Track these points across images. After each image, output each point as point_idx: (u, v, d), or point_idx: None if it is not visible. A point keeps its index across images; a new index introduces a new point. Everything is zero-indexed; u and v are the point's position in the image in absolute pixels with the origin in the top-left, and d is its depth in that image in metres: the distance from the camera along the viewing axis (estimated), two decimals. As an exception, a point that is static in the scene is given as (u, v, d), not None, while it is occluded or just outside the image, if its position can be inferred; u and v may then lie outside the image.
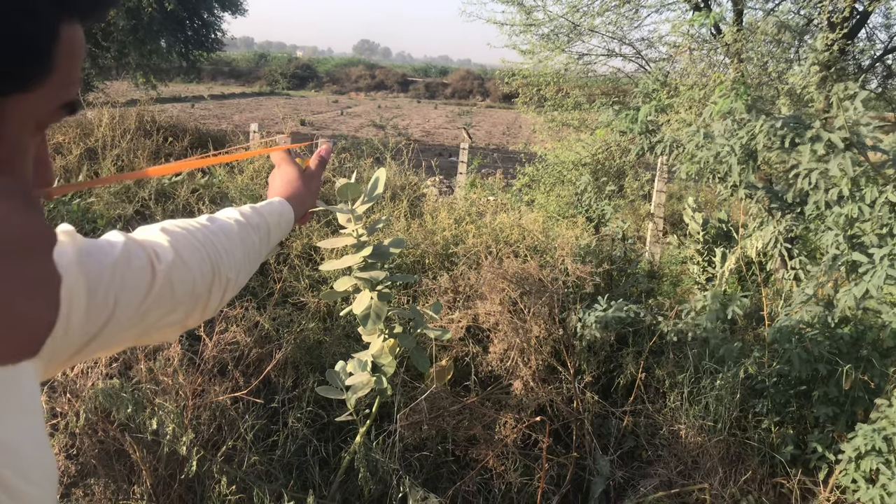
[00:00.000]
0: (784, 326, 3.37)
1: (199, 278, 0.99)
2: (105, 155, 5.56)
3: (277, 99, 41.60)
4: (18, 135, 0.57)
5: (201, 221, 1.08)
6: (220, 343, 3.12)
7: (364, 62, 67.98)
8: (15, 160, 0.58)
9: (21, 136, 0.58)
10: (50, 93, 0.58)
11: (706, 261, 5.34)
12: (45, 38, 0.54)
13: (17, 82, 0.54)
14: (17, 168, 0.59)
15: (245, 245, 1.11)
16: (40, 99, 0.57)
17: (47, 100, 0.58)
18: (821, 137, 3.14)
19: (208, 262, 1.01)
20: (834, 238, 3.27)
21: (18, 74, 0.54)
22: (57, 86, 0.58)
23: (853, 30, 6.60)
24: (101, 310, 0.82)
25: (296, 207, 1.29)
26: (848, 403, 3.18)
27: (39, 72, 0.55)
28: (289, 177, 1.34)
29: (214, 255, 1.03)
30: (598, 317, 3.53)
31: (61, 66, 0.57)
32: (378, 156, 7.75)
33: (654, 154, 4.38)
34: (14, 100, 0.55)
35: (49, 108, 0.59)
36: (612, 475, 3.27)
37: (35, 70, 0.55)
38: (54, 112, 0.60)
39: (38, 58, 0.54)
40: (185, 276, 0.97)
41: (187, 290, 0.97)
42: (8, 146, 0.57)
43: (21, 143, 0.58)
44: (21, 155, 0.59)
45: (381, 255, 2.57)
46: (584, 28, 8.37)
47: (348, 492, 3.06)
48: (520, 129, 29.29)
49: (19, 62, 0.53)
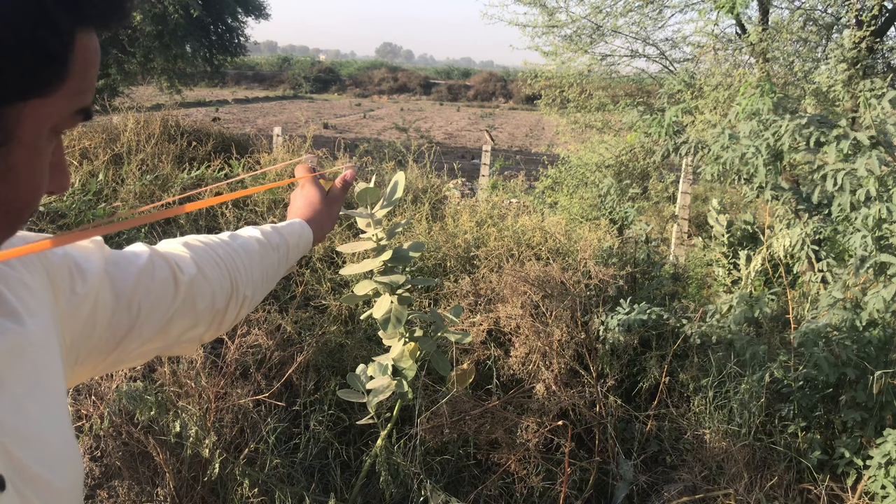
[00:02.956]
0: (811, 330, 3.32)
1: (218, 293, 1.01)
2: (130, 159, 5.63)
3: (301, 102, 41.88)
4: (34, 140, 0.58)
5: (223, 238, 1.09)
6: (243, 346, 3.13)
7: (386, 65, 68.20)
8: (31, 165, 0.59)
9: (37, 141, 0.59)
10: (65, 98, 0.59)
11: (731, 263, 5.28)
12: (60, 45, 0.55)
13: (33, 88, 0.55)
14: (31, 172, 0.60)
15: (264, 264, 1.13)
16: (55, 104, 0.58)
17: (62, 105, 0.59)
18: (847, 136, 3.09)
19: (228, 279, 1.03)
20: (861, 239, 3.22)
21: (34, 80, 0.55)
22: (72, 92, 0.59)
23: (882, 28, 6.49)
24: (125, 317, 0.85)
25: (315, 230, 1.30)
26: (876, 408, 3.12)
27: (55, 78, 0.56)
28: (311, 199, 1.33)
29: (234, 272, 1.04)
30: (621, 320, 3.50)
31: (76, 72, 0.58)
32: (400, 159, 7.77)
33: (679, 156, 4.34)
34: (30, 105, 0.56)
35: (64, 113, 0.60)
36: (636, 480, 3.24)
37: (50, 76, 0.56)
38: (69, 118, 0.61)
39: (53, 64, 0.55)
40: (206, 290, 0.98)
41: (207, 304, 0.99)
42: (24, 151, 0.58)
43: (36, 147, 0.59)
44: (36, 159, 0.60)
45: (401, 258, 2.56)
46: (606, 29, 8.32)
47: (370, 495, 3.06)
48: (543, 131, 29.20)
49: (35, 68, 0.54)
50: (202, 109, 25.94)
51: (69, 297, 0.77)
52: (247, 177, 1.67)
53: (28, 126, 0.57)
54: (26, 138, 0.57)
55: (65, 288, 0.76)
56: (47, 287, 0.74)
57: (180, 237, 1.04)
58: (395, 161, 7.49)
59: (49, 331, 0.71)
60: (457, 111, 43.53)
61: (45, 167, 0.62)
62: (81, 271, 0.79)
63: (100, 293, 0.81)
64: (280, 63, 63.49)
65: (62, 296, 0.76)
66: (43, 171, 0.62)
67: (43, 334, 0.69)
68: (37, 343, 0.67)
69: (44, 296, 0.72)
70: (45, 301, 0.72)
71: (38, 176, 0.61)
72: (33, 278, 0.72)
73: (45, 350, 0.69)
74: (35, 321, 0.68)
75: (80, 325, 0.78)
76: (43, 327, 0.69)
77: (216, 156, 6.04)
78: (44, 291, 0.73)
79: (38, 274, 0.73)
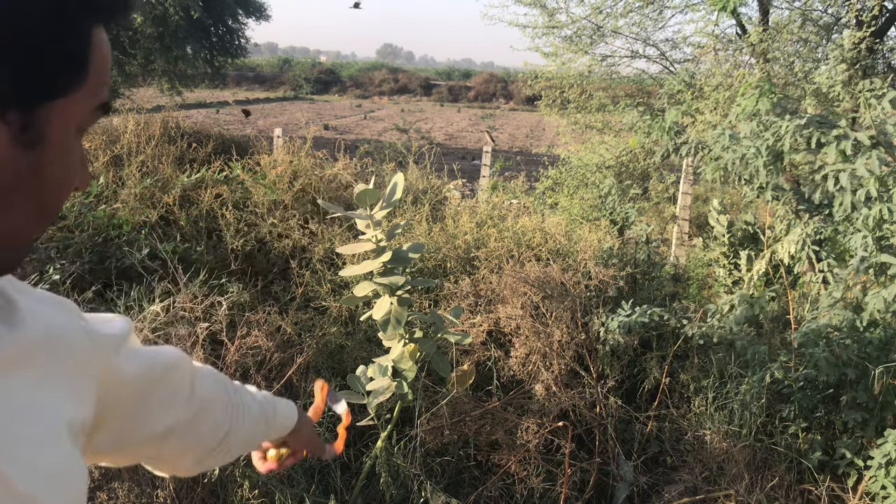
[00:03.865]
0: (811, 330, 3.31)
1: (216, 433, 1.01)
2: (130, 161, 5.63)
3: (301, 104, 41.91)
4: (63, 138, 0.60)
5: (236, 385, 1.10)
6: (242, 347, 3.13)
7: (387, 66, 68.21)
8: (61, 163, 0.61)
9: (65, 139, 0.61)
10: (87, 95, 0.61)
11: (732, 263, 5.28)
12: (81, 44, 0.58)
13: (59, 88, 0.57)
14: (62, 170, 0.62)
15: (250, 429, 1.11)
16: (79, 102, 0.60)
17: (85, 102, 0.61)
18: (847, 137, 3.08)
19: (227, 425, 1.03)
20: (862, 240, 3.21)
21: (61, 80, 0.57)
22: (92, 88, 0.61)
23: (882, 28, 6.48)
24: (137, 406, 0.86)
25: (300, 430, 1.26)
26: (877, 408, 3.12)
27: (78, 76, 0.59)
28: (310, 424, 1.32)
29: (233, 422, 1.04)
30: (622, 322, 3.50)
31: (94, 68, 0.60)
32: (400, 160, 7.76)
33: (679, 156, 4.34)
34: (57, 105, 0.58)
35: (87, 110, 0.62)
36: (636, 481, 3.24)
37: (74, 74, 0.58)
38: (91, 114, 0.63)
39: (76, 63, 0.58)
40: (210, 423, 0.99)
41: (205, 436, 0.99)
42: (54, 150, 0.60)
43: (66, 145, 0.61)
44: (66, 157, 0.62)
45: (401, 260, 2.56)
46: (607, 30, 8.32)
47: (370, 496, 3.06)
48: (543, 132, 29.20)
49: (61, 68, 0.57)
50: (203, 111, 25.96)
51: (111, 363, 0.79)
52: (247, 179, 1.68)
53: (57, 125, 0.59)
54: (56, 137, 0.59)
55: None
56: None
57: (209, 367, 1.05)
58: (396, 162, 7.48)
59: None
60: (457, 112, 43.53)
61: (75, 164, 0.64)
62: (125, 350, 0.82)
63: (120, 374, 0.81)
64: (281, 64, 63.51)
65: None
66: (72, 168, 0.64)
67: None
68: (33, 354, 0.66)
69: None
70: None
71: (68, 173, 0.63)
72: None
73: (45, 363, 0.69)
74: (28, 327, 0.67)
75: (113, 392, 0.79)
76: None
77: (216, 157, 6.03)
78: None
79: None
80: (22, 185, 0.59)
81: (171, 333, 3.11)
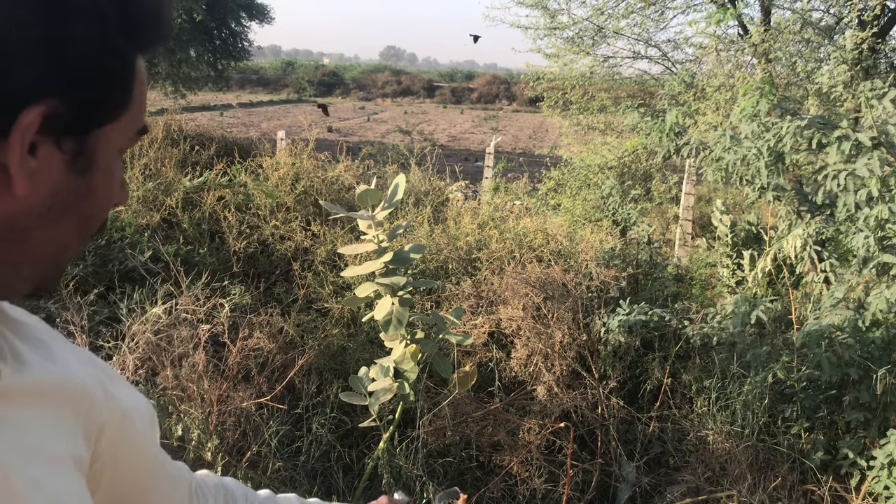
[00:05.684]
0: (813, 330, 3.31)
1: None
2: (133, 164, 5.64)
3: (305, 106, 41.94)
4: (108, 162, 0.64)
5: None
6: (245, 349, 3.14)
7: (390, 68, 68.28)
8: (106, 185, 0.66)
9: (110, 163, 0.65)
10: (130, 121, 0.64)
11: (735, 264, 5.27)
12: (127, 74, 0.62)
13: (109, 115, 0.61)
14: (107, 191, 0.66)
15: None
16: (124, 127, 0.64)
17: (128, 128, 0.65)
18: (848, 137, 3.08)
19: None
20: (864, 240, 3.21)
21: (110, 108, 0.61)
22: (134, 114, 0.65)
23: (884, 28, 6.47)
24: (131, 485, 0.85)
25: None
26: (880, 409, 3.11)
27: (123, 104, 0.62)
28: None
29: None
30: (622, 321, 3.50)
31: (137, 94, 0.64)
32: (403, 162, 7.77)
33: (680, 157, 4.34)
34: (105, 131, 0.62)
35: (129, 134, 0.66)
36: (639, 481, 3.24)
37: (122, 102, 0.62)
38: (132, 137, 0.67)
39: (124, 91, 0.62)
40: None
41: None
42: (101, 173, 0.64)
43: (110, 168, 0.65)
44: (111, 179, 0.66)
45: (402, 260, 2.57)
46: (608, 31, 8.33)
47: (372, 498, 3.04)
48: (546, 133, 29.20)
49: (111, 97, 0.61)
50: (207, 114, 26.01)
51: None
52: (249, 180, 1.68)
53: (103, 150, 0.63)
54: (102, 162, 0.63)
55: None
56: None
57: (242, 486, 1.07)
58: (398, 164, 7.49)
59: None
60: (460, 114, 43.56)
61: (117, 185, 0.68)
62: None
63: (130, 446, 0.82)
64: (284, 67, 63.65)
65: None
66: (115, 189, 0.68)
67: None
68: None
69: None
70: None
71: (111, 194, 0.67)
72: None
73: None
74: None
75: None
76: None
77: (219, 160, 6.05)
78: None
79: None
80: (72, 208, 0.63)
81: (173, 335, 3.12)
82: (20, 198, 0.58)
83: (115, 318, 3.50)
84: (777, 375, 3.36)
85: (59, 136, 0.58)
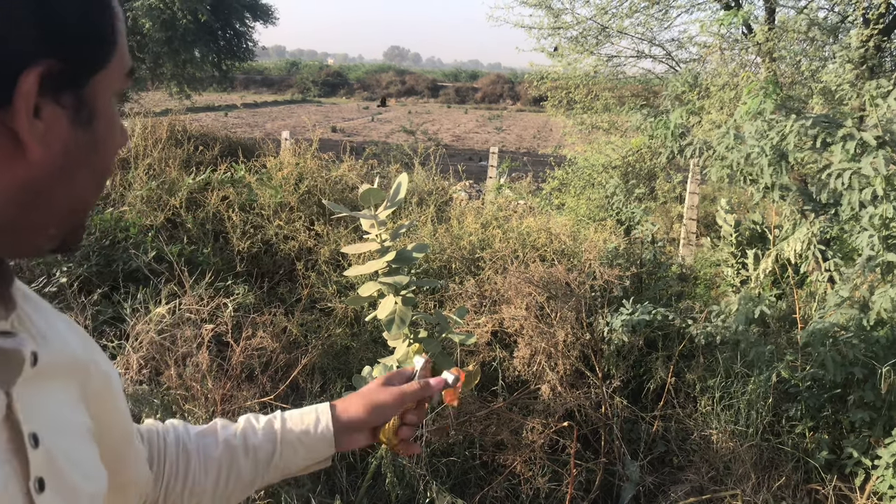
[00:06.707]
0: (818, 329, 3.30)
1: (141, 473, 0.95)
2: (137, 164, 5.66)
3: (309, 106, 42.00)
4: (107, 108, 0.66)
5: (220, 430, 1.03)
6: (248, 349, 3.14)
7: (394, 68, 68.31)
8: (109, 131, 0.67)
9: (109, 108, 0.67)
10: (118, 62, 0.66)
11: (740, 263, 5.26)
12: (111, 17, 0.63)
13: (100, 61, 0.63)
14: (111, 138, 0.68)
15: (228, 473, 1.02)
16: (114, 70, 0.65)
17: (118, 68, 0.66)
18: (853, 136, 3.07)
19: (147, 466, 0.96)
20: (869, 239, 3.20)
21: (100, 54, 0.63)
22: (122, 54, 0.66)
23: (890, 26, 6.44)
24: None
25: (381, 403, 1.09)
26: (885, 408, 3.10)
27: (111, 48, 0.64)
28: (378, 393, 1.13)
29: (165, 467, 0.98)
30: (625, 320, 3.49)
31: (120, 36, 0.66)
32: (407, 161, 7.77)
33: (684, 157, 4.33)
34: (98, 79, 0.63)
35: (119, 76, 0.67)
36: (642, 481, 3.23)
37: (109, 46, 0.64)
38: (124, 78, 0.68)
39: (110, 35, 0.64)
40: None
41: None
42: (103, 121, 0.65)
43: (110, 114, 0.67)
44: (112, 124, 0.68)
45: (405, 259, 2.56)
46: (612, 30, 8.31)
47: (375, 497, 3.06)
48: (550, 133, 29.17)
49: (100, 43, 0.62)
50: (211, 114, 26.04)
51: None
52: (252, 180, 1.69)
53: (101, 97, 0.65)
54: (102, 109, 0.65)
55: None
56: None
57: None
58: (402, 164, 7.49)
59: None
60: (464, 113, 43.53)
61: (118, 130, 0.70)
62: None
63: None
64: (288, 67, 63.70)
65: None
66: (118, 134, 0.70)
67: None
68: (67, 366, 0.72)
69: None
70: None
71: (115, 139, 0.69)
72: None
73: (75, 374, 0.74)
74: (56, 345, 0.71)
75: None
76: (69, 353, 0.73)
77: (223, 160, 6.06)
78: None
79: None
80: (83, 161, 0.64)
81: (177, 335, 3.13)
82: (35, 162, 0.59)
83: (119, 318, 3.51)
84: (781, 374, 3.35)
85: (57, 93, 0.59)
